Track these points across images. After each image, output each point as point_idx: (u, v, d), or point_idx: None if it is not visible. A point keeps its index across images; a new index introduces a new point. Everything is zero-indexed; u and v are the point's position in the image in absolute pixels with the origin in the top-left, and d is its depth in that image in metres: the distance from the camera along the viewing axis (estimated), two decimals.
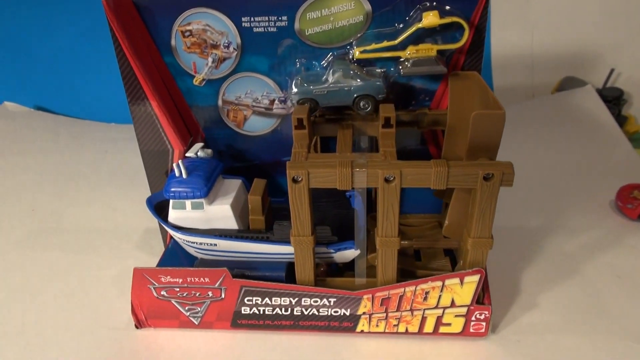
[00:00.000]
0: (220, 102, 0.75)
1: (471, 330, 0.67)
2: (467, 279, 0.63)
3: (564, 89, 1.31)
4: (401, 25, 0.67)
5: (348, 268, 0.73)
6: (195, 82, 0.73)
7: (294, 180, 0.58)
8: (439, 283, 0.64)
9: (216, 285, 0.66)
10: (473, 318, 0.66)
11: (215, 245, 0.69)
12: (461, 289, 0.64)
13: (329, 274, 0.72)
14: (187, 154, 0.72)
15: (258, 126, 0.77)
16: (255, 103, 0.75)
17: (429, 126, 0.72)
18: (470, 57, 0.69)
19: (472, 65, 0.69)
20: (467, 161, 0.58)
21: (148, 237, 0.92)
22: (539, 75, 1.41)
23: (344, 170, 0.57)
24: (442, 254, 0.74)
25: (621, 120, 1.21)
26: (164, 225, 0.71)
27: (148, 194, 0.77)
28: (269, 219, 0.72)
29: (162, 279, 0.66)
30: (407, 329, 0.68)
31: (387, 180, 0.58)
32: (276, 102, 0.74)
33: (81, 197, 1.06)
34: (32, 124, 1.41)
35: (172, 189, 0.68)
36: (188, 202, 0.68)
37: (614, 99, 1.24)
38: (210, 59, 0.71)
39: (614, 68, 1.30)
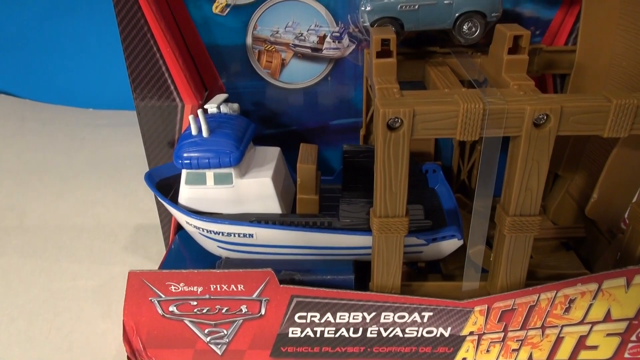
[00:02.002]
0: (249, 40, 0.54)
1: (626, 355, 0.46)
2: (637, 278, 0.42)
3: None
4: None
5: (432, 269, 0.52)
6: (216, 9, 0.52)
7: (389, 127, 0.37)
8: (593, 286, 0.43)
9: (254, 295, 0.44)
10: (634, 338, 0.45)
11: (252, 236, 0.47)
12: (625, 295, 0.43)
13: (411, 277, 0.50)
14: (207, 106, 0.50)
15: (300, 75, 0.56)
16: (299, 41, 0.54)
17: (541, 70, 0.53)
18: None
19: None
20: None
21: (141, 237, 0.69)
22: None
23: (473, 107, 0.36)
24: (562, 248, 0.54)
25: None
26: (171, 209, 0.49)
27: (138, 185, 0.54)
28: (321, 202, 0.51)
29: (172, 287, 0.44)
30: (531, 356, 0.47)
31: (536, 124, 0.37)
32: (327, 39, 0.54)
33: (50, 190, 0.83)
34: None
35: (187, 154, 0.46)
36: (210, 174, 0.47)
37: None
38: None
39: None
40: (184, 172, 0.47)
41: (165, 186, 0.52)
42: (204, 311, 0.46)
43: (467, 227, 0.45)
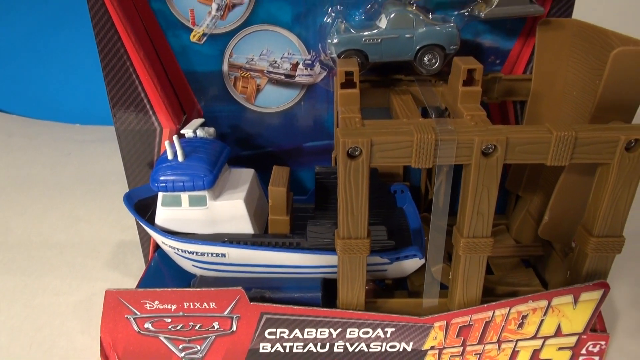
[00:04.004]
0: (225, 67, 0.57)
1: None
2: (584, 296, 0.45)
3: None
4: None
5: (399, 286, 0.55)
6: (193, 37, 0.55)
7: (349, 155, 0.40)
8: (543, 303, 0.46)
9: (226, 312, 0.47)
10: (584, 351, 0.48)
11: (224, 255, 0.49)
12: (573, 312, 0.46)
13: (377, 294, 0.53)
14: (184, 131, 0.53)
15: (274, 100, 0.59)
16: (273, 68, 0.57)
17: (500, 97, 0.56)
18: (558, 4, 0.53)
19: (561, 15, 0.53)
20: (597, 124, 0.41)
21: (122, 253, 0.71)
22: None
23: (425, 138, 0.39)
24: (522, 265, 0.57)
25: None
26: (148, 230, 0.51)
27: (122, 201, 0.56)
28: (293, 222, 0.53)
29: (147, 305, 0.46)
30: None
31: (484, 153, 0.40)
32: (300, 66, 0.56)
33: (34, 206, 0.84)
34: None
35: (163, 177, 0.48)
36: (185, 196, 0.49)
37: None
38: (214, 6, 0.53)
39: None
40: (160, 194, 0.50)
41: (143, 206, 0.54)
42: (178, 328, 0.48)
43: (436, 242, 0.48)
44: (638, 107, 0.41)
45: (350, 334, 0.48)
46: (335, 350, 0.49)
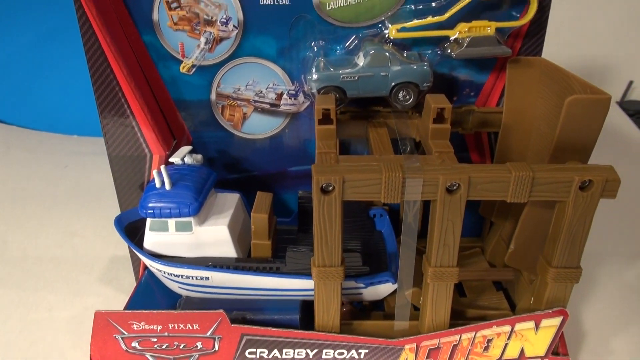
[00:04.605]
0: (213, 96, 0.60)
1: None
2: (544, 322, 0.48)
3: None
4: (443, 1, 0.54)
5: (375, 308, 0.58)
6: (183, 69, 0.58)
7: (323, 190, 0.43)
8: (507, 328, 0.48)
9: (208, 333, 0.49)
10: None
11: (208, 279, 0.52)
12: (535, 336, 0.49)
13: (353, 315, 0.56)
14: (172, 159, 0.55)
15: (260, 127, 0.61)
16: (258, 97, 0.59)
17: (474, 128, 0.58)
18: (529, 42, 0.56)
19: (531, 52, 0.56)
20: (553, 164, 0.44)
21: (115, 268, 0.74)
22: None
23: (393, 176, 0.42)
24: (493, 288, 0.60)
25: None
26: (137, 253, 0.54)
27: (117, 213, 0.60)
28: (275, 245, 0.56)
29: (134, 325, 0.49)
30: None
31: (449, 190, 0.43)
32: (284, 96, 0.59)
33: (31, 220, 0.87)
34: None
35: (151, 204, 0.51)
36: (171, 222, 0.52)
37: (636, 112, 1.14)
38: (203, 39, 0.56)
39: (632, 80, 1.21)
40: (148, 220, 0.53)
41: (134, 228, 0.57)
42: (164, 347, 0.51)
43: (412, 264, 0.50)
44: (593, 148, 0.44)
45: (326, 354, 0.51)
46: None
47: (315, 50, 0.56)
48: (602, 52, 1.26)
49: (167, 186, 0.51)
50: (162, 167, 0.51)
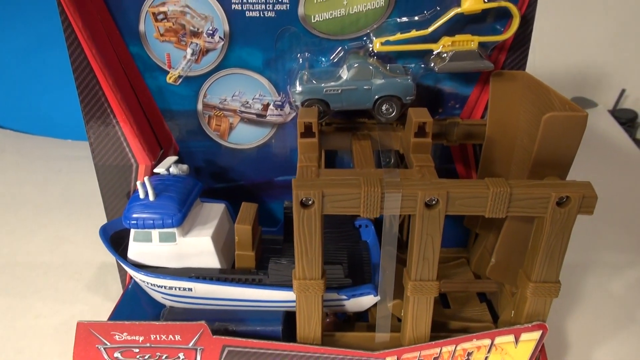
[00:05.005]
0: (200, 106, 0.60)
1: None
2: (524, 336, 0.48)
3: None
4: (429, 14, 0.54)
5: (359, 318, 0.58)
6: (170, 79, 0.58)
7: (303, 204, 0.43)
8: (487, 341, 0.49)
9: (190, 344, 0.50)
10: None
11: (191, 290, 0.52)
12: (515, 350, 0.49)
13: (337, 327, 0.56)
14: (156, 170, 0.56)
15: (246, 137, 0.62)
16: (245, 108, 0.60)
17: (459, 140, 0.59)
18: (513, 55, 0.56)
19: (515, 65, 0.57)
20: (531, 180, 0.44)
21: (103, 275, 0.75)
22: None
23: (372, 191, 0.42)
24: (476, 299, 0.60)
25: (637, 143, 1.11)
26: (121, 263, 0.54)
27: (104, 222, 0.60)
28: (260, 255, 0.57)
29: (117, 336, 0.49)
30: None
31: (428, 205, 0.43)
32: (271, 107, 0.60)
33: (22, 225, 0.88)
34: None
35: (135, 215, 0.51)
36: (155, 233, 0.52)
37: (628, 121, 1.14)
38: (189, 51, 0.56)
39: (625, 89, 1.21)
40: (132, 230, 0.53)
41: (119, 238, 0.57)
42: (146, 357, 0.51)
43: (396, 275, 0.50)
44: (571, 164, 0.45)
45: None
46: None
47: (301, 62, 0.57)
48: (595, 60, 1.26)
49: (151, 197, 0.52)
50: (146, 179, 0.52)
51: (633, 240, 0.80)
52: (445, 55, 0.51)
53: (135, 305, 0.60)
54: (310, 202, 0.43)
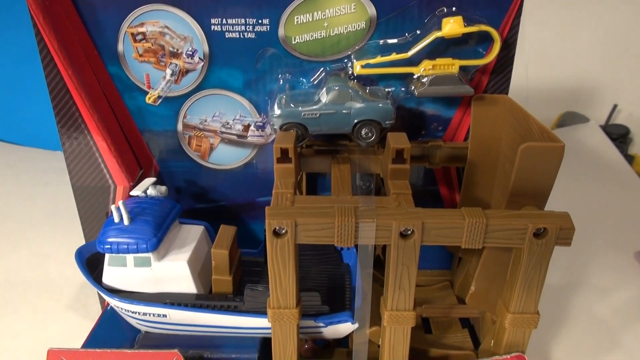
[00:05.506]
0: (180, 127, 0.59)
1: None
2: None
3: (564, 125, 1.20)
4: (410, 37, 0.54)
5: (339, 344, 0.57)
6: (149, 99, 0.57)
7: (276, 233, 0.42)
8: None
9: None
10: None
11: (165, 316, 0.51)
12: None
13: (315, 353, 0.55)
14: (133, 193, 0.55)
15: (227, 158, 0.61)
16: (225, 128, 0.59)
17: (442, 162, 0.58)
18: (495, 78, 0.56)
19: (498, 88, 0.56)
20: (508, 210, 0.43)
21: (84, 293, 0.73)
22: (534, 110, 1.30)
23: (346, 221, 0.41)
24: (458, 324, 0.59)
25: (628, 160, 1.11)
26: (96, 289, 0.53)
27: (89, 238, 0.59)
28: (238, 279, 0.56)
29: None
30: None
31: (403, 235, 0.42)
32: (252, 127, 0.59)
33: (6, 240, 0.87)
34: None
35: (109, 240, 0.51)
36: (130, 257, 0.51)
37: (619, 136, 1.13)
38: (168, 71, 0.56)
39: (617, 104, 1.21)
40: (107, 255, 0.52)
41: (95, 261, 0.56)
42: None
43: (377, 298, 0.49)
44: (549, 193, 0.44)
45: None
46: None
47: (282, 83, 0.56)
48: (587, 75, 1.26)
49: (126, 221, 0.51)
50: (120, 203, 0.51)
51: (621, 259, 0.79)
52: (425, 79, 0.51)
53: (112, 328, 0.58)
54: (283, 231, 0.42)
